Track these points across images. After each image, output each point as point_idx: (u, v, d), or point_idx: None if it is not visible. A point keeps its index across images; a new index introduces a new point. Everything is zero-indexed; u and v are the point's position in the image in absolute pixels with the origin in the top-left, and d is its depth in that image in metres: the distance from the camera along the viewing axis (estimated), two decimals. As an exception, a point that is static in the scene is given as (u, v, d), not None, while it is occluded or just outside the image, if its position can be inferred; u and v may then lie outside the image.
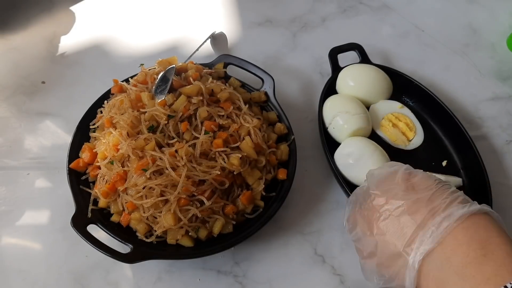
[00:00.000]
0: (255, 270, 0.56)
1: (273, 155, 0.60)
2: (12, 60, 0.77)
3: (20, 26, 0.82)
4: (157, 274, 0.55)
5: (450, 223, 0.38)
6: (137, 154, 0.54)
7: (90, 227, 0.52)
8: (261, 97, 0.66)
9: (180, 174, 0.52)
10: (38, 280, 0.54)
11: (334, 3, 0.89)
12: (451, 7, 0.90)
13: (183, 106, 0.58)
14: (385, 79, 0.68)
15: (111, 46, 0.80)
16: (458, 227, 0.38)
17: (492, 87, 0.76)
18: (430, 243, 0.38)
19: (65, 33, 0.82)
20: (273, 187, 0.59)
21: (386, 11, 0.89)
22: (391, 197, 0.42)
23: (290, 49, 0.81)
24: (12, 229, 0.59)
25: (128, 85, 0.62)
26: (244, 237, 0.53)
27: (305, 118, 0.70)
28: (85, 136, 0.61)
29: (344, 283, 0.55)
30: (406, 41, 0.83)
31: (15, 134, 0.68)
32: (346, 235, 0.58)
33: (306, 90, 0.75)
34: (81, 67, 0.77)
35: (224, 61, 0.69)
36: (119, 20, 0.85)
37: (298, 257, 0.57)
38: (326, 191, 0.63)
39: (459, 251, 0.37)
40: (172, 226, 0.52)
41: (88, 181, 0.58)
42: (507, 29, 0.84)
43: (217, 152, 0.56)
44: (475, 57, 0.81)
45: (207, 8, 0.88)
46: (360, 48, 0.72)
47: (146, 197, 0.53)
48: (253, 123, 0.59)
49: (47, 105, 0.71)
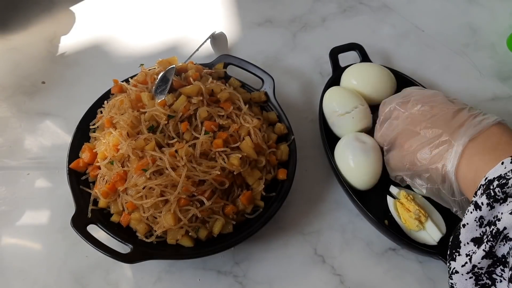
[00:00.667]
0: (255, 270, 0.56)
1: (273, 155, 0.60)
2: (12, 60, 0.77)
3: (20, 26, 0.82)
4: (157, 274, 0.55)
5: (489, 122, 0.47)
6: (137, 154, 0.54)
7: (90, 227, 0.52)
8: (261, 97, 0.66)
9: (180, 174, 0.52)
10: (38, 280, 0.54)
11: (334, 3, 0.89)
12: (451, 7, 0.90)
13: (183, 106, 0.58)
14: (389, 77, 0.67)
15: (111, 46, 0.80)
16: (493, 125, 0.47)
17: (492, 87, 0.76)
18: (473, 132, 0.46)
19: (65, 33, 0.82)
20: (273, 187, 0.59)
21: (386, 11, 0.89)
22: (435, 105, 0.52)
23: (290, 49, 0.81)
24: (12, 229, 0.59)
25: (128, 85, 0.62)
26: (244, 237, 0.53)
27: (305, 118, 0.70)
28: (85, 136, 0.61)
29: (344, 283, 0.55)
30: (406, 41, 0.83)
31: (15, 134, 0.68)
32: (346, 235, 0.59)
33: (306, 90, 0.75)
34: (81, 67, 0.77)
35: (224, 61, 0.69)
36: (119, 20, 0.85)
37: (298, 257, 0.57)
38: (326, 191, 0.63)
39: (493, 137, 0.46)
40: (172, 226, 0.52)
41: (88, 181, 0.58)
42: (507, 29, 0.84)
43: (217, 152, 0.56)
44: (475, 57, 0.81)
45: (207, 8, 0.88)
46: (361, 48, 0.72)
47: (146, 197, 0.53)
48: (253, 123, 0.59)
49: (47, 105, 0.71)
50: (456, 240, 0.39)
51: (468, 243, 0.38)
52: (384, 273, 0.56)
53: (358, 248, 0.58)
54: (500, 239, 0.35)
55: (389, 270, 0.56)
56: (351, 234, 0.59)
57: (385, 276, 0.55)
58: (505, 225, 0.34)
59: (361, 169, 0.57)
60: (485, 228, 0.37)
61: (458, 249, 0.39)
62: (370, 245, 0.58)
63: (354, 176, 0.58)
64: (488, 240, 0.35)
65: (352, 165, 0.58)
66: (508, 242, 0.34)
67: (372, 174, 0.57)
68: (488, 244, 0.35)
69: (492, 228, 0.35)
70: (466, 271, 0.37)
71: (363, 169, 0.57)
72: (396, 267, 0.56)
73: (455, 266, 0.39)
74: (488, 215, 0.37)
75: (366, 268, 0.56)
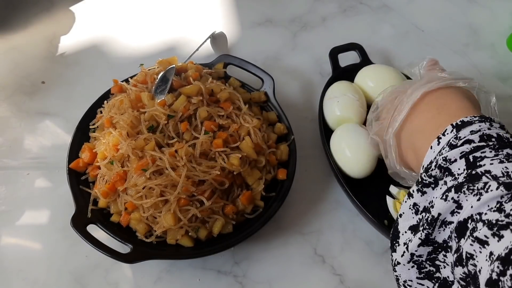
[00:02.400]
0: (255, 270, 0.56)
1: (273, 155, 0.60)
2: (12, 60, 0.77)
3: (20, 26, 0.82)
4: (157, 274, 0.55)
5: (409, 103, 0.45)
6: (137, 154, 0.54)
7: (90, 227, 0.52)
8: (261, 97, 0.66)
9: (180, 174, 0.52)
10: (38, 280, 0.54)
11: (334, 3, 0.89)
12: (451, 7, 0.90)
13: (183, 106, 0.58)
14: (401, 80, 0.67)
15: (111, 46, 0.80)
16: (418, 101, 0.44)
17: (492, 87, 0.76)
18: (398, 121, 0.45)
19: (65, 33, 0.82)
20: (273, 187, 0.59)
21: (386, 11, 0.89)
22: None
23: (290, 49, 0.81)
24: (12, 229, 0.59)
25: (128, 85, 0.62)
26: (244, 237, 0.53)
27: (305, 118, 0.70)
28: (85, 136, 0.61)
29: (344, 283, 0.55)
30: (406, 41, 0.83)
31: (15, 134, 0.68)
32: (346, 235, 0.59)
33: (306, 90, 0.75)
34: (81, 67, 0.77)
35: (224, 61, 0.69)
36: (119, 20, 0.85)
37: (298, 257, 0.57)
38: (326, 191, 0.63)
39: (419, 117, 0.44)
40: (172, 226, 0.52)
41: (88, 181, 0.58)
42: (507, 29, 0.84)
43: (217, 152, 0.56)
44: (475, 57, 0.81)
45: (207, 8, 0.88)
46: (361, 48, 0.72)
47: (146, 197, 0.53)
48: (253, 123, 0.59)
49: (47, 105, 0.71)
50: (396, 231, 0.39)
51: (406, 232, 0.38)
52: (384, 273, 0.56)
53: (358, 248, 0.58)
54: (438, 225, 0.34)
55: (389, 270, 0.56)
56: (351, 234, 0.59)
57: (385, 276, 0.55)
58: (439, 211, 0.34)
59: (357, 155, 0.57)
60: (421, 214, 0.37)
61: (397, 239, 0.38)
62: (370, 245, 0.58)
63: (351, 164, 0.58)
64: (424, 228, 0.35)
65: (348, 153, 0.58)
66: (447, 226, 0.34)
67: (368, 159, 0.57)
68: (424, 232, 0.35)
69: (428, 216, 0.35)
70: (406, 260, 0.36)
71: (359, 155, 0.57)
72: (396, 267, 0.56)
73: (396, 257, 0.37)
74: (422, 201, 0.37)
75: (366, 268, 0.56)
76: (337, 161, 0.59)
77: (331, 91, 0.66)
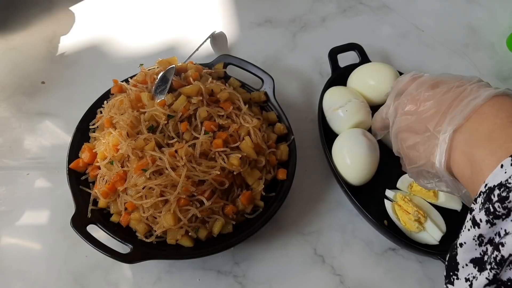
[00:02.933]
0: (255, 270, 0.56)
1: (273, 155, 0.60)
2: (12, 60, 0.77)
3: (20, 26, 0.82)
4: (157, 274, 0.55)
5: (478, 102, 0.39)
6: (137, 154, 0.54)
7: (90, 227, 0.52)
8: (261, 97, 0.66)
9: (180, 174, 0.52)
10: (38, 280, 0.54)
11: (334, 3, 0.89)
12: (451, 7, 0.90)
13: (182, 106, 0.58)
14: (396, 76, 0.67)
15: (110, 46, 0.80)
16: (484, 104, 0.39)
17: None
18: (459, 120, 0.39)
19: (65, 33, 0.82)
20: (273, 187, 0.59)
21: (386, 11, 0.89)
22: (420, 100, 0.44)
23: (290, 49, 0.81)
24: (12, 229, 0.59)
25: (127, 85, 0.62)
26: (244, 237, 0.53)
27: (305, 118, 0.70)
28: (85, 136, 0.61)
29: (344, 283, 0.55)
30: (406, 41, 0.83)
31: (14, 134, 0.68)
32: (346, 235, 0.59)
33: (306, 90, 0.75)
34: (80, 67, 0.77)
35: (224, 61, 0.69)
36: (119, 20, 0.85)
37: (298, 257, 0.57)
38: (326, 191, 0.63)
39: (486, 121, 0.38)
40: (172, 226, 0.52)
41: (88, 181, 0.58)
42: (507, 29, 0.84)
43: (217, 152, 0.56)
44: (475, 57, 0.81)
45: (207, 8, 0.88)
46: (360, 48, 0.72)
47: (146, 197, 0.53)
48: (253, 123, 0.59)
49: (46, 105, 0.71)
50: (454, 261, 0.35)
51: (467, 265, 0.34)
52: (384, 273, 0.56)
53: (358, 248, 0.58)
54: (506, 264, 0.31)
55: (389, 270, 0.56)
56: (351, 234, 0.59)
57: (385, 276, 0.56)
58: (510, 252, 0.30)
59: (357, 164, 0.57)
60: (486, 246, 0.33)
61: (456, 271, 0.35)
62: (370, 245, 0.58)
63: (350, 172, 0.58)
64: (492, 268, 0.31)
65: (348, 160, 0.58)
66: None
67: (367, 169, 0.57)
68: (492, 272, 0.31)
69: (497, 255, 0.31)
70: None
71: (358, 165, 0.57)
72: (396, 267, 0.56)
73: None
74: (488, 233, 0.33)
75: (366, 268, 0.56)
76: (337, 166, 0.59)
77: (331, 100, 0.64)
